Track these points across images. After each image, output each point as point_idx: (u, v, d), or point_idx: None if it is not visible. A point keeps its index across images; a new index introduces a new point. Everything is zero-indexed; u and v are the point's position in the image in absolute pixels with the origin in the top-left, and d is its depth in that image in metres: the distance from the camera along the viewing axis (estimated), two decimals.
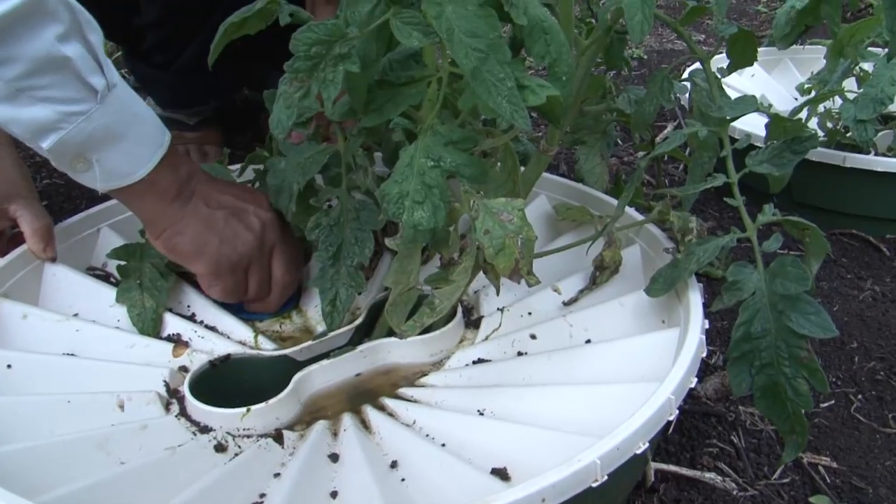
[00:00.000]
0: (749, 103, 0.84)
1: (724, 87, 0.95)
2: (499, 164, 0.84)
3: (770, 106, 1.51)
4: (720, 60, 1.04)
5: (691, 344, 0.74)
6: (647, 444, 0.64)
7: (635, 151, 1.62)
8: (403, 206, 0.67)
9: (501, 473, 0.69)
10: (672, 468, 0.87)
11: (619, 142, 1.61)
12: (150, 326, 0.89)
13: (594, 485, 0.60)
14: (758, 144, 0.92)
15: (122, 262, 0.92)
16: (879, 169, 1.25)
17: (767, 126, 0.96)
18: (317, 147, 0.89)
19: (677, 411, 0.68)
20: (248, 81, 1.56)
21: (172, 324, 0.90)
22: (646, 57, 2.26)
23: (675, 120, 1.76)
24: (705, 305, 0.80)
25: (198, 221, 0.84)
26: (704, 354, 0.75)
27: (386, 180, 0.69)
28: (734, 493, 0.87)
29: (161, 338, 0.89)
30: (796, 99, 1.60)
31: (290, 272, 0.92)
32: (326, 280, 0.86)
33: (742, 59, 0.95)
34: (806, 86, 1.52)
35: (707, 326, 0.78)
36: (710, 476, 0.88)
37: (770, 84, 1.68)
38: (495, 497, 0.56)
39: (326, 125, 0.97)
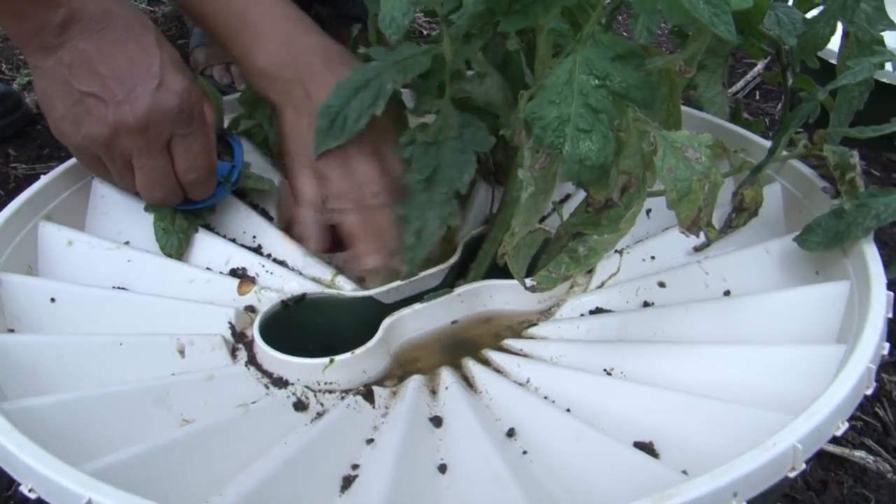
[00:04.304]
0: None
1: None
2: None
3: None
4: None
5: (879, 301, 0.60)
6: (846, 426, 0.51)
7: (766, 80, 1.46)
8: (564, 134, 0.52)
9: (647, 449, 0.56)
10: None
11: None
12: (174, 246, 0.76)
13: (791, 475, 0.47)
14: None
15: None
16: None
17: None
18: (418, 47, 0.74)
19: (875, 384, 0.54)
20: None
21: (237, 257, 0.77)
22: None
23: (766, 57, 1.58)
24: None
25: (50, 82, 0.70)
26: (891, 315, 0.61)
27: (532, 100, 0.54)
28: (888, 476, 0.74)
29: (224, 272, 0.77)
30: None
31: (194, 169, 0.74)
32: (414, 207, 0.72)
33: None
34: None
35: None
36: (859, 455, 0.76)
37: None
38: (676, 490, 0.43)
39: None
